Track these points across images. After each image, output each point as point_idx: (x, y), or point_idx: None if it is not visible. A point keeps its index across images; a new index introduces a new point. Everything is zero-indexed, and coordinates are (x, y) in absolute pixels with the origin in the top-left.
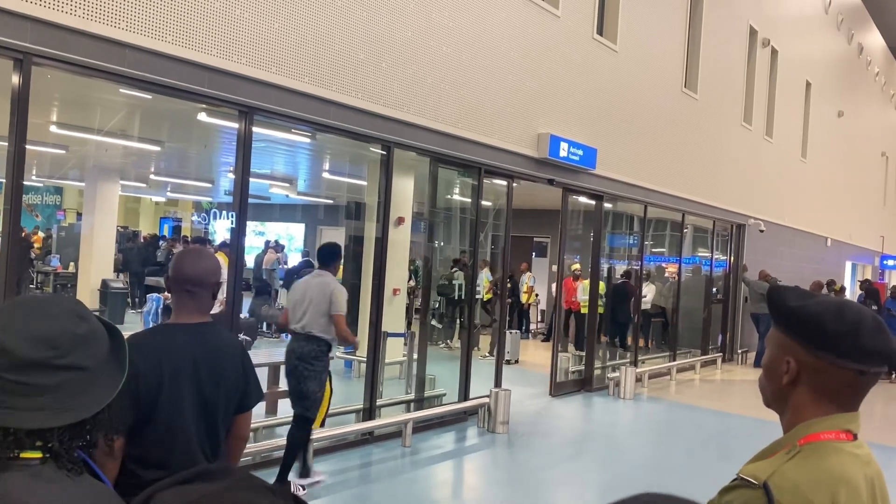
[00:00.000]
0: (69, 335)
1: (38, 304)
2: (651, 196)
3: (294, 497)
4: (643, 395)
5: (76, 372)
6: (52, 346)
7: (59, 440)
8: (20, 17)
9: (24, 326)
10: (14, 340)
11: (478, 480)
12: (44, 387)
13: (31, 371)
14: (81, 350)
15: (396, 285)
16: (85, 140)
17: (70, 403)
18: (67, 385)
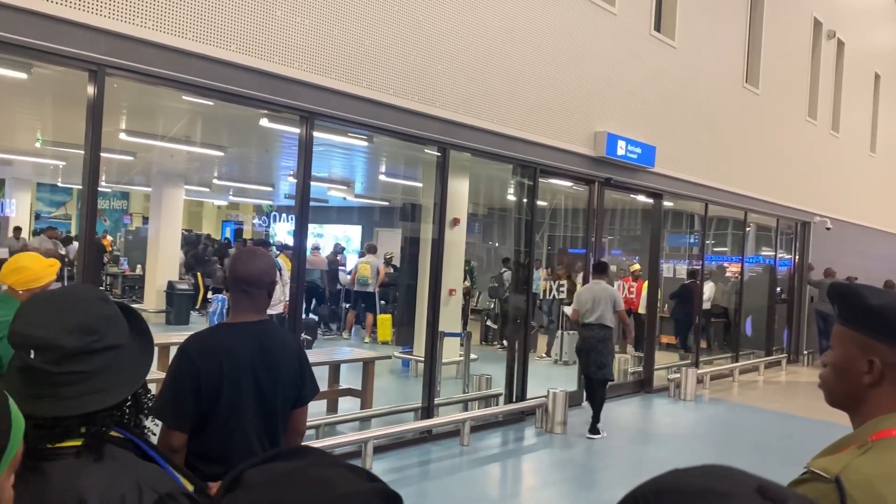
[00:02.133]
0: (102, 318)
1: (65, 297)
2: (712, 194)
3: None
4: (704, 397)
5: (113, 351)
6: (91, 331)
7: (103, 421)
8: (94, 30)
9: (61, 319)
10: (57, 334)
11: (536, 480)
12: (89, 372)
13: (76, 360)
14: (113, 329)
15: (452, 286)
16: (151, 146)
17: (115, 381)
18: (108, 365)
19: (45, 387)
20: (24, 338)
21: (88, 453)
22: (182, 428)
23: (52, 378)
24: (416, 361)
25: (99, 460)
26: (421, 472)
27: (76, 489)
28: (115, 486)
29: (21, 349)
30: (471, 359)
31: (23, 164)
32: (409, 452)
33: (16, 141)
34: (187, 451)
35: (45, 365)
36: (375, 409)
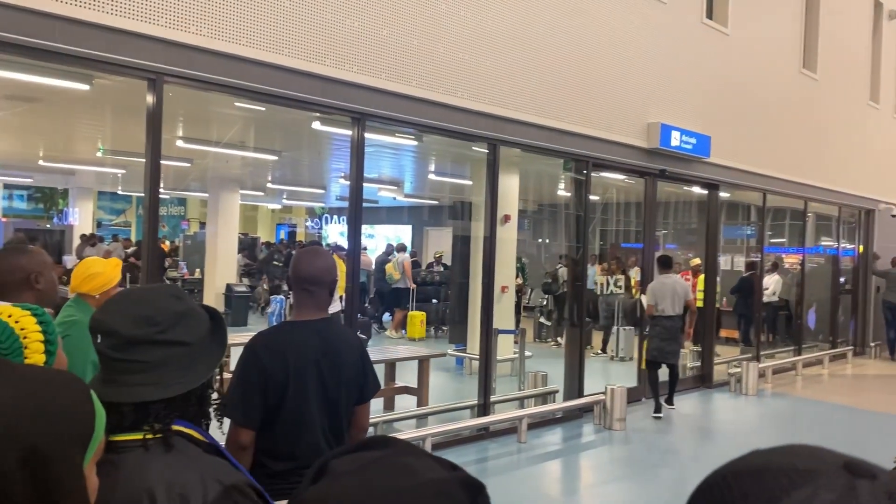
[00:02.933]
0: (168, 312)
1: (138, 291)
2: (770, 183)
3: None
4: (767, 391)
5: (178, 347)
6: (153, 322)
7: (162, 415)
8: (152, 39)
9: (126, 308)
10: (118, 321)
11: (596, 477)
12: (148, 363)
13: (135, 348)
14: (181, 326)
15: (504, 283)
16: (206, 153)
17: (173, 377)
18: (170, 360)
19: (110, 372)
20: (95, 322)
21: (156, 446)
22: (250, 425)
23: (112, 363)
24: (470, 359)
25: (166, 453)
26: (479, 469)
27: (145, 480)
28: (180, 478)
29: (92, 334)
30: (525, 356)
31: (85, 174)
32: (467, 450)
33: (78, 151)
34: (255, 449)
35: (107, 349)
36: (432, 407)
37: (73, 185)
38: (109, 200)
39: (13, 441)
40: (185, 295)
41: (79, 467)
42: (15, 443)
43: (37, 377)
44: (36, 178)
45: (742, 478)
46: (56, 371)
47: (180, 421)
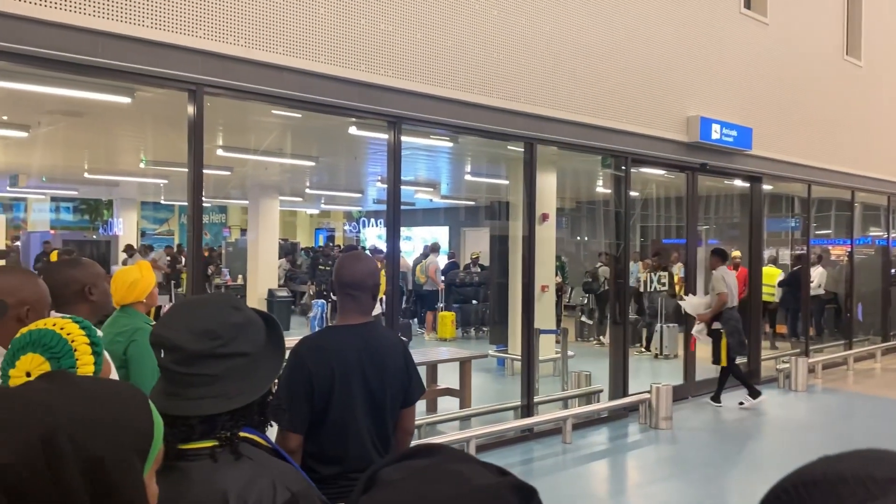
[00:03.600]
0: (228, 325)
1: (196, 303)
2: (815, 174)
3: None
4: (817, 387)
5: (239, 358)
6: (214, 336)
7: (228, 425)
8: (192, 51)
9: (188, 323)
10: (181, 336)
11: (643, 477)
12: (212, 376)
13: (199, 362)
14: (241, 338)
15: (544, 282)
16: (246, 160)
17: (236, 388)
18: (232, 372)
19: (174, 385)
20: (156, 337)
21: (226, 453)
22: (297, 429)
23: (178, 378)
24: (512, 359)
25: (236, 460)
26: (525, 470)
27: (218, 486)
28: (252, 484)
29: (155, 348)
30: (568, 355)
31: (128, 185)
32: (511, 451)
33: (121, 163)
34: (303, 453)
35: (171, 365)
36: (475, 409)
37: (116, 196)
38: (152, 210)
39: (75, 451)
40: (242, 304)
41: (139, 476)
42: (76, 453)
43: (97, 388)
44: (81, 190)
45: (814, 488)
46: (115, 382)
47: (246, 427)
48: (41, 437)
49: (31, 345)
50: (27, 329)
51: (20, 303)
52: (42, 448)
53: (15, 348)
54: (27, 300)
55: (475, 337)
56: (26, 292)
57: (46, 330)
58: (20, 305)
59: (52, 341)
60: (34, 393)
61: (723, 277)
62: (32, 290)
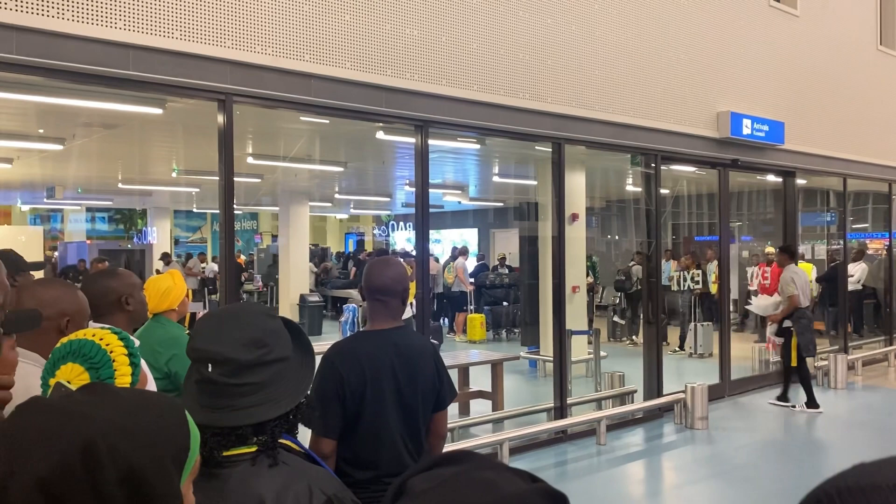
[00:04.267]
0: (269, 332)
1: (237, 313)
2: (850, 167)
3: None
4: (857, 384)
5: (281, 363)
6: (261, 345)
7: (272, 430)
8: (220, 61)
9: (234, 334)
10: (232, 349)
11: (679, 478)
12: (261, 383)
13: (248, 372)
14: (280, 342)
15: (575, 283)
16: (275, 168)
17: (283, 392)
18: (276, 377)
19: (222, 398)
20: (202, 352)
21: (263, 459)
22: (331, 434)
23: (228, 389)
24: (544, 361)
25: (273, 465)
26: (560, 472)
27: (255, 490)
28: (289, 488)
29: (199, 363)
30: (600, 356)
31: (161, 194)
32: (545, 453)
33: (154, 173)
34: (337, 458)
35: (221, 377)
36: (508, 411)
37: (150, 206)
38: (185, 218)
39: (114, 461)
40: (274, 311)
41: (176, 486)
42: (115, 463)
43: (135, 399)
44: (115, 200)
45: (850, 496)
46: (153, 393)
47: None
48: (80, 447)
49: (71, 355)
50: (67, 339)
51: (60, 314)
52: (81, 458)
53: (55, 357)
54: (67, 311)
55: (506, 339)
56: (66, 304)
57: (86, 340)
58: (60, 317)
59: (92, 352)
60: (74, 404)
61: (792, 279)
62: (72, 301)
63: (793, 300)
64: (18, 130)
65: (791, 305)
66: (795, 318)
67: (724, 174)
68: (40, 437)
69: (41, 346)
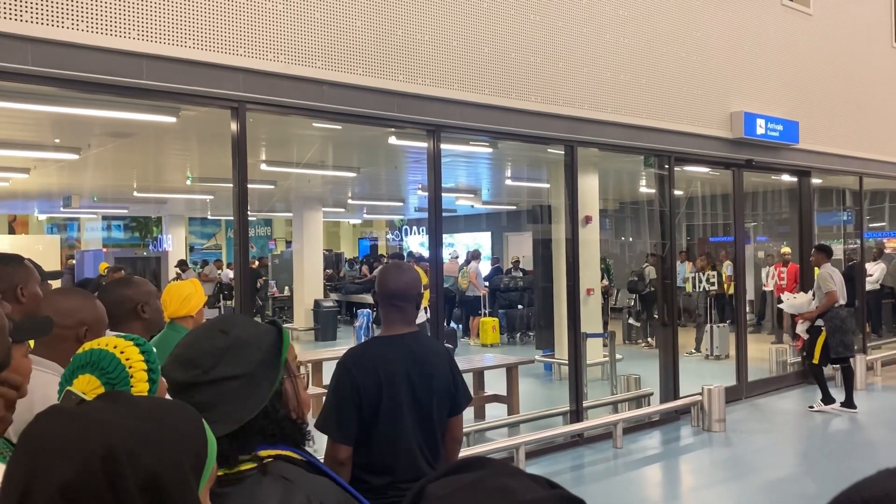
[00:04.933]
0: (210, 352)
1: (194, 330)
2: (866, 165)
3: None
4: (876, 385)
5: (228, 382)
6: (196, 365)
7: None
8: (233, 69)
9: (176, 353)
10: (169, 367)
11: (697, 481)
12: (204, 403)
13: (188, 391)
14: (228, 361)
15: (589, 285)
16: (289, 174)
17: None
18: (225, 396)
19: None
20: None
21: (254, 475)
22: (347, 441)
23: None
24: (559, 364)
25: (271, 479)
26: (575, 476)
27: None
28: (286, 501)
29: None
30: (616, 359)
31: (176, 202)
32: (562, 457)
33: (168, 180)
34: (353, 464)
35: (173, 396)
36: (523, 415)
37: (165, 213)
38: (200, 225)
39: (134, 468)
40: (234, 327)
41: (194, 493)
42: (135, 470)
43: (155, 407)
44: (131, 208)
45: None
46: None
47: (280, 445)
48: (101, 454)
49: (89, 365)
50: (88, 346)
51: (79, 323)
52: (102, 465)
53: (75, 366)
54: (86, 321)
55: (520, 342)
56: (85, 313)
57: (106, 352)
58: (79, 326)
59: (111, 366)
60: (94, 412)
61: (830, 276)
62: (91, 311)
63: (832, 296)
64: (35, 140)
65: (829, 302)
66: (829, 317)
67: (738, 175)
68: (62, 443)
69: (60, 354)
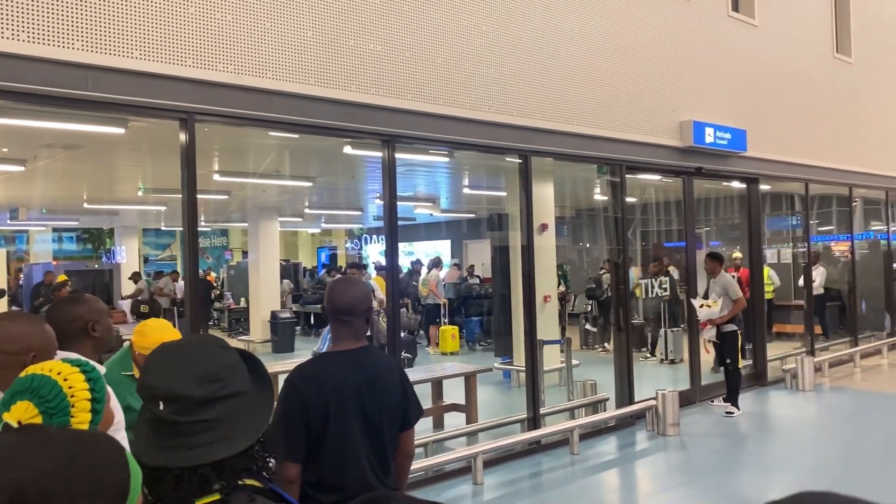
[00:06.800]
0: (224, 366)
1: (188, 348)
2: (811, 172)
3: None
4: (825, 386)
5: (237, 398)
6: (214, 379)
7: (236, 469)
8: (182, 80)
9: (186, 370)
10: (183, 385)
11: (653, 485)
12: (217, 420)
13: (204, 408)
14: (236, 376)
15: (546, 292)
16: (244, 184)
17: (241, 428)
18: (233, 412)
19: (176, 437)
20: (152, 390)
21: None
22: (295, 458)
23: (182, 427)
24: (517, 372)
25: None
26: (533, 484)
27: None
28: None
29: (150, 401)
30: (573, 364)
31: (128, 213)
32: (520, 465)
33: (120, 192)
34: (302, 482)
35: (174, 415)
36: (481, 423)
37: (117, 225)
38: (154, 236)
39: None
40: (226, 343)
41: None
42: None
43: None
44: (82, 220)
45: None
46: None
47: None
48: (9, 493)
49: (28, 392)
50: (31, 370)
51: (27, 349)
52: None
53: (13, 391)
54: (33, 346)
55: (477, 349)
56: (32, 339)
57: (48, 379)
58: (26, 352)
59: (50, 393)
60: (5, 448)
61: (732, 282)
62: (38, 336)
63: (741, 302)
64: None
65: (739, 308)
66: (738, 322)
67: (688, 182)
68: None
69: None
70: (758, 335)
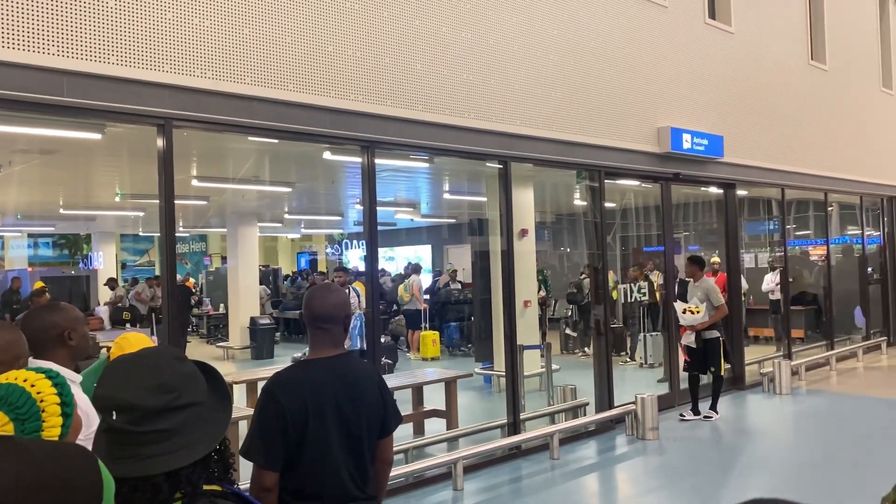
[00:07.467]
0: (179, 376)
1: (143, 358)
2: (788, 178)
3: None
4: (801, 389)
5: (193, 408)
6: (169, 390)
7: (193, 478)
8: (160, 86)
9: (140, 380)
10: (137, 394)
11: (633, 489)
12: (170, 430)
13: (157, 418)
14: (192, 387)
15: (526, 297)
16: (223, 189)
17: (197, 438)
18: (189, 422)
19: (128, 447)
20: (106, 400)
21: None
22: (273, 467)
23: (134, 438)
24: (498, 377)
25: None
26: (514, 489)
27: None
28: None
29: (104, 411)
30: (553, 369)
31: (105, 218)
32: (500, 470)
33: (97, 197)
34: (280, 490)
35: (126, 425)
36: (462, 429)
37: (94, 230)
38: (132, 242)
39: None
40: (184, 354)
41: None
42: None
43: (43, 451)
44: (58, 226)
45: None
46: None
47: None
48: None
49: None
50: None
51: (14, 358)
52: None
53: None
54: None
55: (456, 355)
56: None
57: (16, 387)
58: (14, 361)
59: (20, 401)
60: None
61: (714, 287)
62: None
63: (723, 309)
64: None
65: (720, 315)
66: (719, 328)
67: (666, 188)
68: None
69: None
70: (735, 340)
